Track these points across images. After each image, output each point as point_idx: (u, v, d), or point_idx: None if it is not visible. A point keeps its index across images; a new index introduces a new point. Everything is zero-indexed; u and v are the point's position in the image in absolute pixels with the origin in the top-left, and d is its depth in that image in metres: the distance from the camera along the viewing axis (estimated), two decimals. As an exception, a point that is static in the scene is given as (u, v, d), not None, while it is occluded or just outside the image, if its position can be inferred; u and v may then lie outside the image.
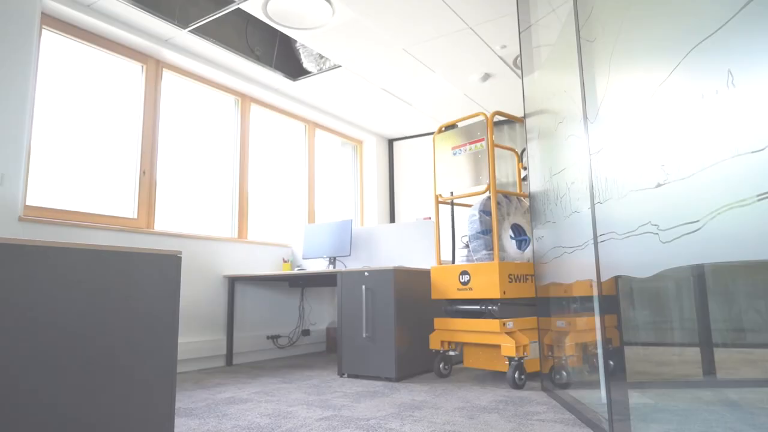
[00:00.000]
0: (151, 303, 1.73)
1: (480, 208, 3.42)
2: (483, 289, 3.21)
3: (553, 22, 3.00)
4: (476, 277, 3.25)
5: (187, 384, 3.30)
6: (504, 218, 3.44)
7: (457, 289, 3.34)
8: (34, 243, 1.46)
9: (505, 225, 3.44)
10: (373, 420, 2.29)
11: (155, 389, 1.70)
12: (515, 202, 3.56)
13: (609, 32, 1.79)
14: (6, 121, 3.07)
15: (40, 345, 1.43)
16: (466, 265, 3.33)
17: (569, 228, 2.41)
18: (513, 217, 3.51)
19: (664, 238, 1.38)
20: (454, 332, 3.36)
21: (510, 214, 3.50)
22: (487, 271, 3.21)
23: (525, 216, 3.60)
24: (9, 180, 3.05)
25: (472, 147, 3.51)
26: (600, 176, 1.90)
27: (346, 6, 3.58)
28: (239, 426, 2.23)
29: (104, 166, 3.77)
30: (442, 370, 3.42)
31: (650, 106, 1.46)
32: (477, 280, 3.24)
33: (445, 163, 3.67)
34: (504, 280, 3.14)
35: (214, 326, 4.17)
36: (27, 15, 3.21)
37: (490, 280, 3.17)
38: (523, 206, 3.61)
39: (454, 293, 3.36)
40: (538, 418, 2.29)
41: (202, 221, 4.39)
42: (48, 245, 1.49)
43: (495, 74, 4.67)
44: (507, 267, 3.20)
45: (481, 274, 3.24)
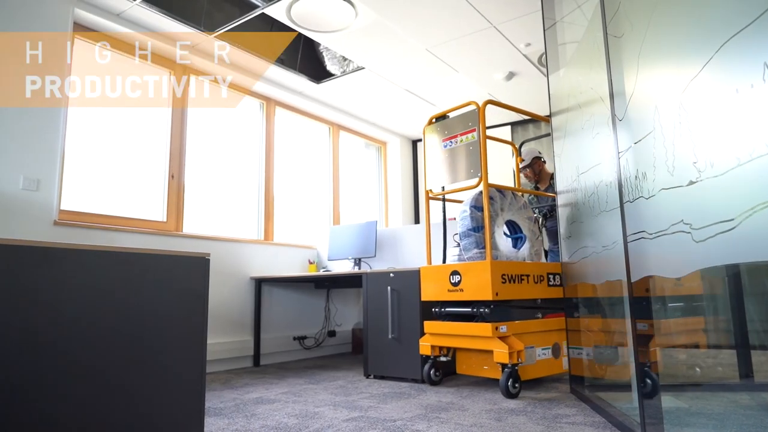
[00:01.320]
0: (181, 304, 1.76)
1: (471, 204, 3.20)
2: (474, 291, 2.95)
3: (579, 18, 2.94)
4: (467, 277, 3.01)
5: (216, 384, 3.35)
6: (497, 214, 3.21)
7: (448, 291, 3.09)
8: (69, 246, 1.51)
9: (499, 221, 3.21)
10: (399, 421, 2.28)
11: (186, 389, 1.73)
12: (510, 198, 3.33)
13: (637, 27, 1.76)
14: (42, 129, 3.17)
15: (74, 345, 1.47)
16: (457, 265, 3.10)
17: (597, 227, 2.36)
18: (507, 213, 3.29)
19: (697, 237, 1.34)
20: (444, 336, 3.13)
21: (504, 210, 3.27)
22: (479, 271, 2.95)
23: (521, 212, 3.38)
24: (45, 185, 3.14)
25: (463, 138, 3.24)
26: (629, 174, 1.86)
27: (369, 8, 3.59)
28: (267, 426, 2.25)
29: (134, 170, 3.86)
30: (433, 376, 3.18)
31: (681, 102, 1.42)
32: (468, 281, 2.99)
33: (435, 156, 3.42)
34: (496, 280, 2.88)
35: (242, 327, 4.23)
36: (60, 25, 3.31)
37: (481, 280, 2.91)
38: (519, 202, 3.39)
39: (444, 295, 3.12)
40: (567, 421, 2.25)
41: (228, 224, 4.46)
42: (82, 248, 1.53)
43: (519, 73, 4.62)
44: (500, 266, 2.94)
45: (473, 274, 2.98)
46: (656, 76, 1.64)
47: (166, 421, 1.66)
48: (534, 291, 3.11)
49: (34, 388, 1.37)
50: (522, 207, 3.41)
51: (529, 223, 3.40)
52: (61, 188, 3.29)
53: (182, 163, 4.07)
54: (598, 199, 2.30)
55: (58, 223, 3.18)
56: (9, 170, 3.00)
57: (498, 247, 3.12)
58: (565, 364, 3.19)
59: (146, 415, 1.62)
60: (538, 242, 3.45)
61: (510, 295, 2.95)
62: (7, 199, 2.98)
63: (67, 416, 1.43)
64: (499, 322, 2.87)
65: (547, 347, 3.12)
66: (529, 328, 3.03)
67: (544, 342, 3.10)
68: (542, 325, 3.11)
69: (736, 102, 1.16)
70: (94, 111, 3.65)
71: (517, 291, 3.01)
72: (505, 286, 2.93)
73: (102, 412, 1.51)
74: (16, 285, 1.37)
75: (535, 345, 3.03)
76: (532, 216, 3.46)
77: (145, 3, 3.49)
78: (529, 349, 2.97)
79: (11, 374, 1.33)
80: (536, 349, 3.03)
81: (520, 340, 2.87)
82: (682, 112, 1.42)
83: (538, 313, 3.14)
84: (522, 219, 3.38)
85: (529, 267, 3.15)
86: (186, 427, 1.72)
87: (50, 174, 3.18)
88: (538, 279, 3.15)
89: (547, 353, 3.12)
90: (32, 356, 1.38)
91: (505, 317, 2.94)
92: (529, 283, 3.08)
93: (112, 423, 1.52)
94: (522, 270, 3.07)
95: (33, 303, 1.39)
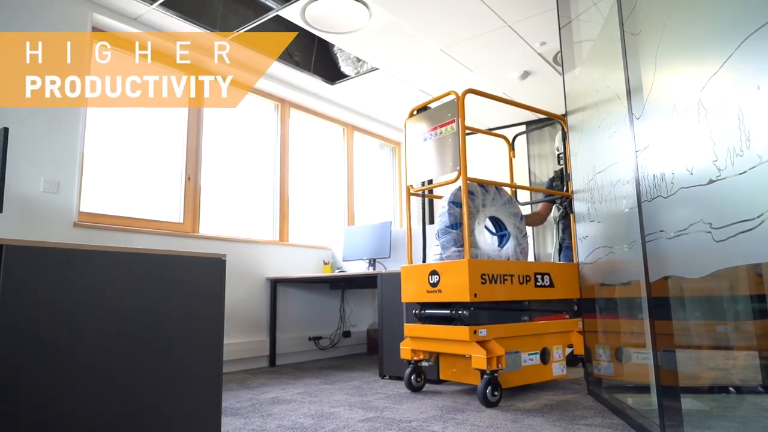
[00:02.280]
0: (198, 305, 1.77)
1: (450, 199, 3.03)
2: (453, 292, 2.76)
3: (595, 16, 2.91)
4: (445, 277, 2.81)
5: (233, 384, 3.37)
6: (478, 210, 3.03)
7: (427, 292, 2.91)
8: (88, 248, 1.53)
9: (480, 218, 3.03)
10: (415, 422, 2.28)
11: (203, 389, 1.75)
12: (493, 193, 3.16)
13: (655, 24, 1.73)
14: (62, 133, 3.23)
15: (92, 345, 1.49)
16: (435, 265, 2.91)
17: (615, 227, 2.34)
18: (490, 209, 3.11)
19: (717, 236, 1.32)
20: (424, 340, 2.97)
21: (486, 206, 3.09)
22: (457, 271, 2.75)
23: (505, 208, 3.19)
24: (64, 188, 3.20)
25: (442, 130, 3.04)
26: (647, 173, 1.84)
27: (383, 9, 3.59)
28: (283, 426, 2.26)
29: (151, 172, 3.90)
30: (414, 382, 3.03)
31: (700, 99, 1.40)
32: (446, 281, 2.80)
33: (415, 150, 3.23)
34: (475, 280, 2.68)
35: (258, 328, 4.25)
36: (79, 29, 3.36)
37: (459, 280, 2.71)
38: (503, 197, 3.21)
39: (423, 296, 2.95)
40: (584, 422, 2.23)
41: (244, 225, 4.49)
42: (100, 250, 1.56)
43: (534, 72, 4.59)
44: (480, 266, 2.73)
45: (451, 274, 2.78)
46: (674, 74, 1.62)
47: (183, 421, 1.68)
48: (520, 292, 2.90)
49: (53, 387, 1.40)
50: (507, 202, 3.22)
51: (514, 220, 3.23)
52: (80, 191, 3.34)
53: (198, 165, 4.11)
54: (615, 199, 2.28)
55: (78, 224, 3.23)
56: (30, 173, 3.06)
57: (479, 245, 2.94)
58: (557, 370, 3.03)
59: (164, 414, 1.63)
60: (525, 240, 3.27)
61: (491, 296, 2.74)
62: (29, 202, 3.03)
63: (84, 416, 1.45)
64: (478, 326, 2.68)
65: (534, 352, 2.93)
66: (513, 331, 2.83)
67: (531, 347, 2.92)
68: (530, 329, 2.94)
69: (757, 99, 1.14)
70: (110, 114, 3.70)
71: (500, 292, 2.79)
72: (485, 287, 2.71)
73: (120, 411, 1.53)
74: (38, 285, 1.39)
75: (521, 350, 2.82)
76: (518, 212, 3.29)
77: (161, 7, 3.54)
78: (513, 354, 2.75)
79: (31, 373, 1.36)
80: (522, 354, 2.83)
81: (501, 345, 2.67)
82: (702, 109, 1.39)
83: (524, 315, 2.95)
84: (506, 215, 3.20)
85: (514, 266, 2.93)
86: (203, 427, 1.73)
87: (70, 176, 3.23)
88: (524, 279, 2.92)
89: (535, 359, 2.93)
90: (52, 355, 1.40)
91: (487, 320, 2.76)
92: (513, 283, 2.86)
93: (130, 422, 1.54)
94: (505, 269, 2.85)
95: (53, 303, 1.42)
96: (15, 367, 1.33)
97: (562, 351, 3.10)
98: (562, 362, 3.09)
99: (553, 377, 3.04)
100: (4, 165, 1.69)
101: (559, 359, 3.07)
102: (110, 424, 1.49)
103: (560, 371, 3.08)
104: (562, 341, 3.12)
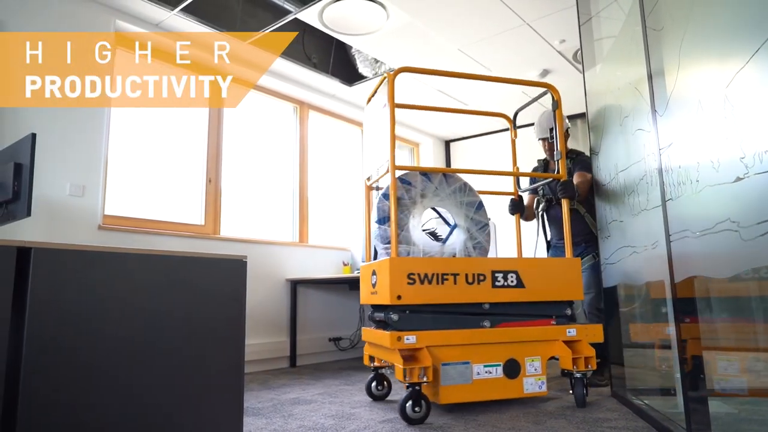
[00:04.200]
0: (220, 306, 1.79)
1: (383, 192, 2.77)
2: (382, 293, 2.51)
3: (616, 12, 2.87)
4: (379, 278, 2.58)
5: (254, 384, 3.40)
6: (415, 202, 2.71)
7: (371, 293, 2.70)
8: (113, 250, 1.56)
9: (417, 211, 2.72)
10: (436, 423, 2.27)
11: (225, 389, 1.76)
12: (438, 181, 2.81)
13: (678, 20, 1.70)
14: (86, 137, 3.29)
15: (116, 345, 1.52)
16: (374, 264, 2.67)
17: (638, 227, 2.30)
18: (432, 199, 2.77)
19: (745, 235, 1.29)
20: (373, 346, 2.78)
21: (426, 197, 2.75)
22: (382, 270, 2.52)
23: (454, 197, 2.81)
24: (89, 191, 3.26)
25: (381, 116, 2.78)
26: (671, 172, 1.80)
27: (401, 9, 3.59)
28: (304, 426, 2.27)
29: (173, 175, 3.96)
30: (374, 390, 2.85)
31: (726, 95, 1.37)
32: (379, 282, 2.57)
33: (369, 139, 2.98)
34: (399, 281, 2.41)
35: (278, 329, 4.28)
36: (103, 35, 3.43)
37: (385, 281, 2.47)
38: (453, 184, 2.83)
39: (369, 297, 2.75)
40: (608, 425, 2.20)
41: (264, 226, 4.53)
42: (124, 252, 1.58)
43: (554, 70, 4.54)
44: (406, 264, 2.45)
45: (381, 274, 2.54)
46: (699, 70, 1.59)
47: (205, 421, 1.70)
48: (470, 293, 2.52)
49: (79, 386, 1.42)
50: (457, 191, 2.83)
51: (467, 210, 2.82)
52: (105, 194, 3.41)
53: (219, 168, 4.16)
54: (638, 198, 2.24)
55: (102, 227, 3.30)
56: (57, 177, 3.13)
57: (413, 241, 2.65)
58: (530, 386, 2.55)
59: (186, 414, 1.65)
60: (483, 233, 2.83)
61: (423, 298, 2.45)
62: (55, 205, 3.10)
63: (106, 415, 1.47)
64: (406, 331, 2.38)
65: (494, 364, 2.50)
66: (457, 339, 2.46)
67: (489, 357, 2.50)
68: (487, 336, 2.51)
69: (787, 94, 1.11)
70: (132, 118, 3.77)
71: (437, 294, 2.47)
72: (413, 288, 2.43)
73: (142, 411, 1.55)
74: (65, 286, 1.42)
75: (472, 361, 2.47)
76: (474, 200, 2.87)
77: (182, 12, 3.59)
78: (460, 365, 2.44)
79: (59, 373, 1.39)
80: (473, 366, 2.46)
81: (443, 354, 2.41)
82: (728, 106, 1.36)
83: (485, 320, 2.55)
84: (455, 205, 2.80)
85: (457, 263, 2.56)
86: (225, 427, 1.75)
87: (94, 180, 3.30)
88: (476, 278, 2.53)
89: (495, 372, 2.50)
90: (78, 355, 1.43)
91: (425, 325, 2.44)
92: (457, 284, 2.50)
93: (154, 422, 1.57)
94: (442, 268, 2.50)
95: (79, 303, 1.45)
96: (46, 367, 1.36)
97: (541, 364, 2.57)
98: (539, 377, 2.57)
99: (524, 394, 2.54)
100: (32, 170, 1.73)
101: (535, 373, 2.56)
102: (132, 422, 1.52)
103: (536, 388, 2.56)
104: (541, 352, 2.59)
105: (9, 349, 1.31)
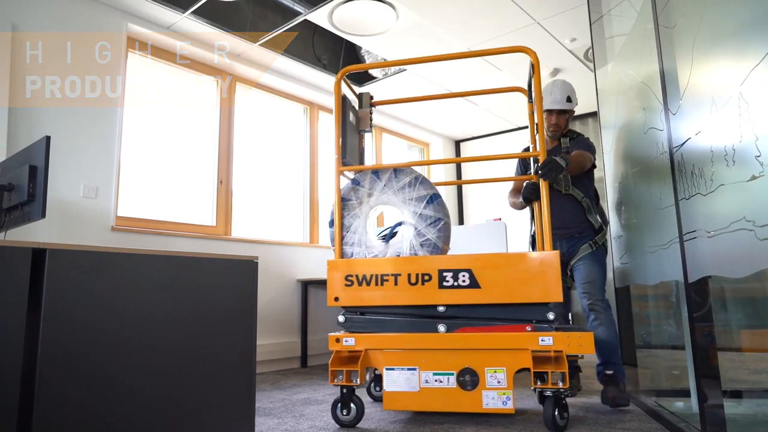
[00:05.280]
0: (231, 306, 1.80)
1: None
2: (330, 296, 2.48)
3: (627, 10, 2.85)
4: None
5: (265, 385, 3.41)
6: (362, 202, 2.57)
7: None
8: (125, 251, 1.57)
9: (364, 210, 2.57)
10: (447, 424, 2.27)
11: (236, 389, 1.78)
12: (387, 177, 2.58)
13: (691, 17, 1.68)
14: (100, 139, 3.33)
15: (128, 346, 1.53)
16: None
17: (651, 226, 2.27)
18: (379, 197, 2.57)
19: (761, 234, 1.27)
20: None
21: (373, 196, 2.57)
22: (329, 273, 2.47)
23: (402, 193, 2.54)
24: (102, 193, 3.30)
25: None
26: (684, 170, 1.78)
27: (410, 10, 3.58)
28: (316, 426, 2.27)
29: (185, 176, 3.99)
30: (374, 391, 2.84)
31: (741, 93, 1.35)
32: None
33: None
34: (337, 283, 2.39)
35: (289, 329, 4.30)
36: (115, 39, 3.46)
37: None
38: (402, 180, 2.55)
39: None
40: (622, 426, 2.18)
41: (275, 227, 4.55)
42: (137, 253, 1.60)
43: (565, 69, 4.51)
44: (344, 266, 2.40)
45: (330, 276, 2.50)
46: (713, 67, 1.57)
47: (218, 420, 1.71)
48: (414, 295, 2.33)
49: (94, 385, 1.44)
50: (407, 186, 2.55)
51: (416, 205, 2.51)
52: (117, 195, 3.44)
53: (230, 169, 4.18)
54: (651, 197, 2.22)
55: (115, 228, 3.33)
56: (71, 179, 3.16)
57: (360, 243, 2.53)
58: (490, 401, 2.19)
59: (199, 414, 1.67)
60: (434, 229, 2.49)
61: (361, 300, 2.38)
62: (69, 207, 3.14)
63: (118, 412, 1.49)
64: (345, 334, 2.36)
65: (445, 373, 2.26)
66: (402, 343, 2.32)
67: (440, 365, 2.27)
68: (437, 342, 2.29)
69: (803, 91, 1.10)
70: (144, 119, 3.80)
71: (377, 296, 2.36)
72: (350, 290, 2.37)
73: (156, 410, 1.56)
74: (79, 287, 1.44)
75: (420, 367, 2.29)
76: (427, 194, 2.53)
77: (193, 15, 3.61)
78: (404, 370, 2.29)
79: (74, 372, 1.40)
80: (421, 372, 2.28)
81: (388, 359, 2.31)
82: (742, 103, 1.34)
83: (440, 325, 2.31)
84: (402, 202, 2.54)
85: (398, 264, 2.38)
86: (237, 427, 1.76)
87: (107, 182, 3.33)
88: (420, 279, 2.33)
89: (447, 381, 2.25)
90: (92, 355, 1.45)
91: (369, 328, 2.37)
92: (399, 285, 2.34)
93: (165, 421, 1.58)
94: (381, 268, 2.37)
95: (93, 303, 1.46)
96: (61, 366, 1.37)
97: (506, 376, 2.20)
98: (504, 391, 2.19)
99: (483, 410, 2.20)
100: (46, 173, 1.75)
101: (498, 386, 2.20)
102: (145, 422, 1.53)
103: (498, 403, 2.18)
104: (506, 362, 2.21)
105: (25, 348, 1.33)
